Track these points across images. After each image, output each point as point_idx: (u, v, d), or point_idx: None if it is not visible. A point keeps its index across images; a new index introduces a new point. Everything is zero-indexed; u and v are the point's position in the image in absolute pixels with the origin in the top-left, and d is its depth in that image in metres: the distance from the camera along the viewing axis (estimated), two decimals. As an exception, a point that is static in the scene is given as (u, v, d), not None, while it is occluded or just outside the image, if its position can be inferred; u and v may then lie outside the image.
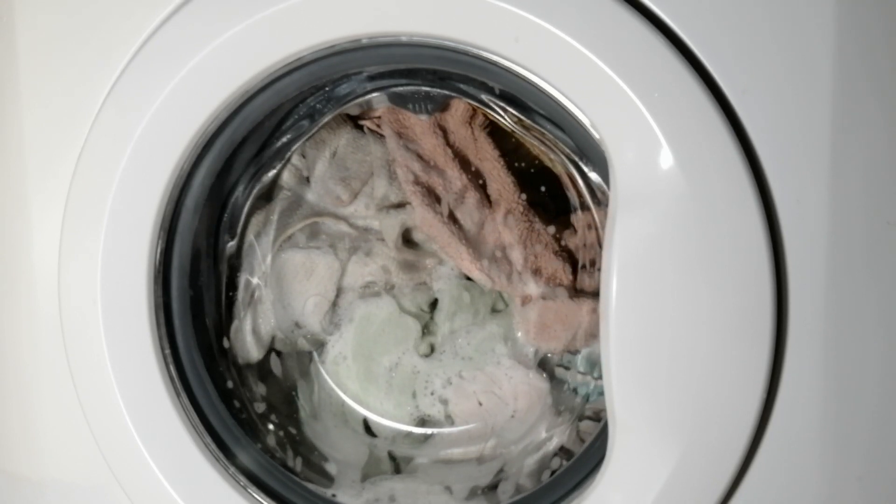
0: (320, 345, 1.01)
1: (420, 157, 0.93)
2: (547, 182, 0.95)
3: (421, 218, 0.91)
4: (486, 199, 0.93)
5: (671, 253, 0.71)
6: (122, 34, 0.79)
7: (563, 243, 0.93)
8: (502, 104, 0.85)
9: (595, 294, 0.89)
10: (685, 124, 0.70)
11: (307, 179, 0.98)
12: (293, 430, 0.97)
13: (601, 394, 0.89)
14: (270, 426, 0.95)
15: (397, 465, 0.98)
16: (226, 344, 0.93)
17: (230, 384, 0.91)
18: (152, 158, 0.79)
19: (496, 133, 0.94)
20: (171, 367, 0.84)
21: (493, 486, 0.91)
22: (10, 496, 0.90)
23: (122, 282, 0.80)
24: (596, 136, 0.73)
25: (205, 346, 0.89)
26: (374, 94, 0.88)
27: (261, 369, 0.98)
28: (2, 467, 0.90)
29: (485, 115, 0.93)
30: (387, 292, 0.98)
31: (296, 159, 0.97)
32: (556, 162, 0.88)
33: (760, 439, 0.74)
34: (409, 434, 1.00)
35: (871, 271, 0.72)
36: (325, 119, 0.89)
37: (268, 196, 0.97)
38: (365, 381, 1.00)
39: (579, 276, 0.92)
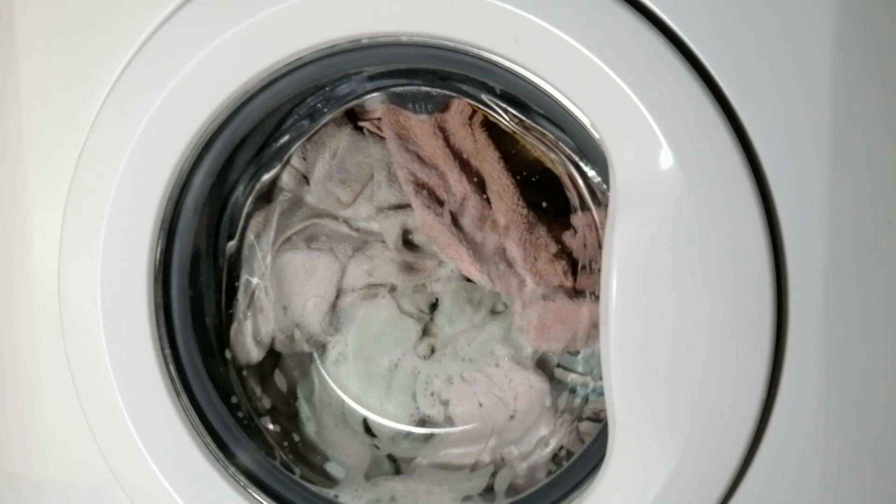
0: (320, 346, 1.01)
1: (420, 158, 0.93)
2: (547, 183, 0.94)
3: (421, 219, 0.91)
4: (486, 200, 0.93)
5: (671, 253, 0.71)
6: (122, 34, 0.79)
7: (563, 244, 0.93)
8: (503, 104, 0.85)
9: (595, 294, 0.89)
10: (685, 124, 0.70)
11: (307, 181, 0.98)
12: (293, 431, 0.97)
13: (601, 394, 0.89)
14: (271, 426, 0.95)
15: (398, 466, 0.98)
16: (228, 354, 0.93)
17: (235, 402, 0.91)
18: (152, 158, 0.79)
19: (496, 134, 0.94)
20: (171, 367, 0.84)
21: (490, 488, 0.91)
22: (10, 496, 0.90)
23: (122, 282, 0.81)
24: (596, 136, 0.73)
25: (205, 346, 0.89)
26: (375, 94, 0.88)
27: (261, 370, 0.98)
28: (2, 467, 0.90)
29: (485, 116, 0.93)
30: (387, 294, 0.98)
31: (296, 161, 0.97)
32: (557, 162, 0.88)
33: (760, 439, 0.74)
34: (408, 434, 1.00)
35: (871, 271, 0.72)
36: (326, 119, 0.89)
37: (268, 197, 0.97)
38: (365, 381, 1.00)
39: (579, 276, 0.92)
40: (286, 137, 0.91)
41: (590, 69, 0.70)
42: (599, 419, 0.91)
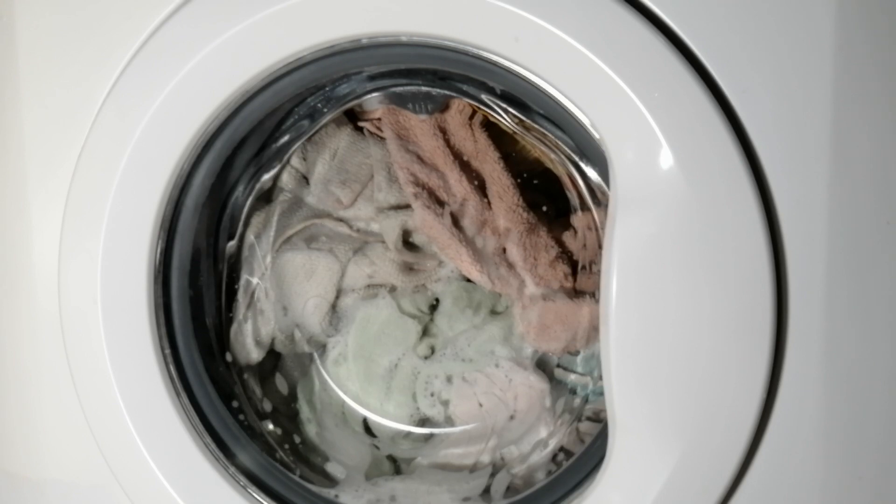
0: (320, 346, 1.01)
1: (420, 159, 0.93)
2: (547, 183, 0.94)
3: (421, 220, 0.91)
4: (486, 201, 0.93)
5: (671, 253, 0.71)
6: (122, 34, 0.79)
7: (563, 245, 0.93)
8: (503, 104, 0.85)
9: (595, 295, 0.89)
10: (685, 124, 0.70)
11: (307, 181, 0.98)
12: (294, 432, 0.97)
13: (600, 394, 0.89)
14: (271, 427, 0.95)
15: (398, 466, 0.98)
16: (228, 357, 0.93)
17: (235, 403, 0.91)
18: (152, 158, 0.79)
19: (496, 135, 0.94)
20: (171, 367, 0.84)
21: (489, 489, 0.91)
22: (10, 496, 0.90)
23: (122, 282, 0.81)
24: (596, 136, 0.73)
25: (205, 346, 0.89)
26: (375, 94, 0.88)
27: (261, 370, 0.98)
28: (2, 467, 0.90)
29: (485, 116, 0.93)
30: (387, 294, 0.98)
31: (296, 161, 0.97)
32: (557, 162, 0.88)
33: (760, 439, 0.74)
34: (408, 434, 1.00)
35: (871, 271, 0.72)
36: (326, 119, 0.89)
37: (268, 197, 0.97)
38: (365, 382, 1.00)
39: (579, 276, 0.92)
40: (286, 137, 0.91)
41: (590, 69, 0.70)
42: (599, 419, 0.91)
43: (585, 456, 0.84)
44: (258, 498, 0.85)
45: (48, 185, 0.83)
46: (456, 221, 0.92)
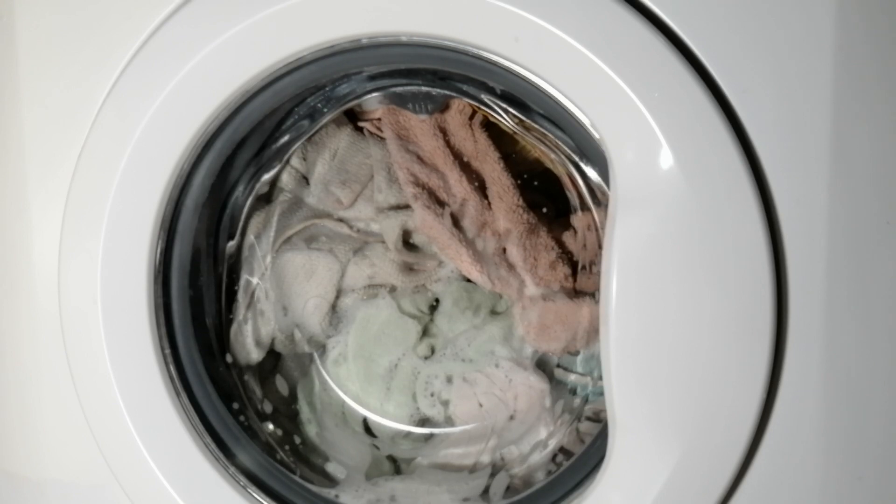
0: (320, 346, 1.01)
1: (420, 159, 0.93)
2: (547, 183, 0.95)
3: (421, 220, 0.91)
4: (486, 201, 0.93)
5: (671, 253, 0.71)
6: (122, 34, 0.79)
7: (563, 245, 0.93)
8: (503, 104, 0.85)
9: (595, 295, 0.89)
10: (685, 124, 0.70)
11: (307, 181, 0.98)
12: (294, 433, 0.97)
13: (600, 394, 0.89)
14: (272, 427, 0.95)
15: (398, 467, 0.98)
16: (229, 358, 0.93)
17: (236, 405, 0.91)
18: (152, 158, 0.79)
19: (496, 135, 0.94)
20: (171, 367, 0.84)
21: (489, 489, 0.91)
22: (10, 496, 0.90)
23: (122, 282, 0.81)
24: (596, 136, 0.73)
25: (205, 346, 0.89)
26: (375, 94, 0.89)
27: (261, 371, 0.98)
28: (2, 467, 0.90)
29: (485, 116, 0.93)
30: (387, 294, 0.98)
31: (296, 161, 0.97)
32: (557, 162, 0.88)
33: (760, 439, 0.74)
34: (408, 434, 1.00)
35: (871, 271, 0.72)
36: (325, 119, 0.89)
37: (268, 197, 0.97)
38: (365, 382, 1.00)
39: (579, 276, 0.92)
40: (286, 137, 0.91)
41: (590, 69, 0.70)
42: (599, 419, 0.91)
43: (585, 456, 0.84)
44: (258, 498, 0.85)
45: (48, 185, 0.83)
46: (456, 222, 0.92)
